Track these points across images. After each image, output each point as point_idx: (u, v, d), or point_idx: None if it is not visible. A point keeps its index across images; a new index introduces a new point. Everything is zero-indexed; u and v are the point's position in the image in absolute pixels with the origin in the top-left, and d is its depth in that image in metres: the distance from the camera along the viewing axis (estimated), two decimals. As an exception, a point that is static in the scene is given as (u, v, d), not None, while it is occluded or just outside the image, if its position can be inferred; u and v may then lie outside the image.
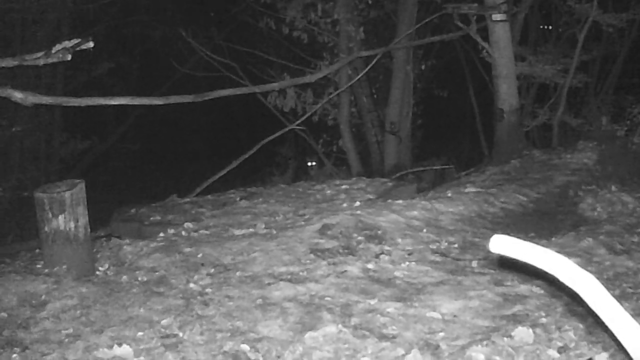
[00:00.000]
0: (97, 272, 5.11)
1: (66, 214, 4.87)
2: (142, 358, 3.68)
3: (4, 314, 4.31)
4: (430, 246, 5.54)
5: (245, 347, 3.74)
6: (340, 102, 12.30)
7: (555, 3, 12.52)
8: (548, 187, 7.63)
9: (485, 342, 3.53)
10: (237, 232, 6.01)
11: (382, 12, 13.06)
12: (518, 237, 2.06)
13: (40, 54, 6.20)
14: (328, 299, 4.40)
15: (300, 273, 4.88)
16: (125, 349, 3.74)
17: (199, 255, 5.31)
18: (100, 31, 14.47)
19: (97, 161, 16.76)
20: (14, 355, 3.73)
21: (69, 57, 6.10)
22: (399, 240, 5.62)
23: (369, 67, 11.13)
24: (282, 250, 5.30)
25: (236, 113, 19.01)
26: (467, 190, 7.33)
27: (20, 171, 12.12)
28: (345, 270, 4.90)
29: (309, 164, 12.80)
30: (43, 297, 4.53)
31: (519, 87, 10.30)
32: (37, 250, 5.89)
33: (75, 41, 6.13)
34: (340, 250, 5.30)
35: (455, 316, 4.08)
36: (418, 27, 11.65)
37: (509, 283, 4.59)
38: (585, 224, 6.33)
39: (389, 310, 4.18)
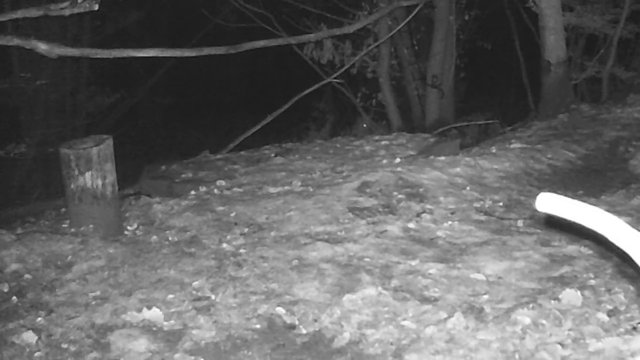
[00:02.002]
0: (126, 232, 5.12)
1: (93, 171, 4.86)
2: (172, 321, 3.67)
3: (29, 276, 4.32)
4: (474, 205, 5.47)
5: (280, 310, 3.74)
6: (380, 54, 12.23)
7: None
8: (597, 142, 7.54)
9: (531, 305, 3.45)
10: (272, 189, 6.00)
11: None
12: (566, 195, 2.00)
13: (66, 4, 6.19)
14: (367, 259, 4.36)
15: (338, 233, 4.85)
16: (155, 312, 3.73)
17: (232, 214, 5.29)
18: (129, -21, 14.30)
19: (125, 116, 16.61)
20: (39, 319, 3.74)
21: (96, 7, 6.13)
22: (441, 198, 5.55)
23: (409, 18, 10.98)
24: (319, 208, 5.26)
25: (271, 65, 18.96)
26: (512, 146, 7.25)
27: (45, 126, 12.08)
28: (385, 230, 4.84)
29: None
30: (69, 258, 4.53)
31: (567, 38, 10.16)
32: (63, 209, 5.98)
33: (102, -10, 6.04)
34: (380, 209, 5.25)
35: (500, 278, 4.03)
36: (461, -25, 11.39)
37: (556, 243, 4.51)
38: (636, 181, 6.20)
39: (430, 271, 4.14)
